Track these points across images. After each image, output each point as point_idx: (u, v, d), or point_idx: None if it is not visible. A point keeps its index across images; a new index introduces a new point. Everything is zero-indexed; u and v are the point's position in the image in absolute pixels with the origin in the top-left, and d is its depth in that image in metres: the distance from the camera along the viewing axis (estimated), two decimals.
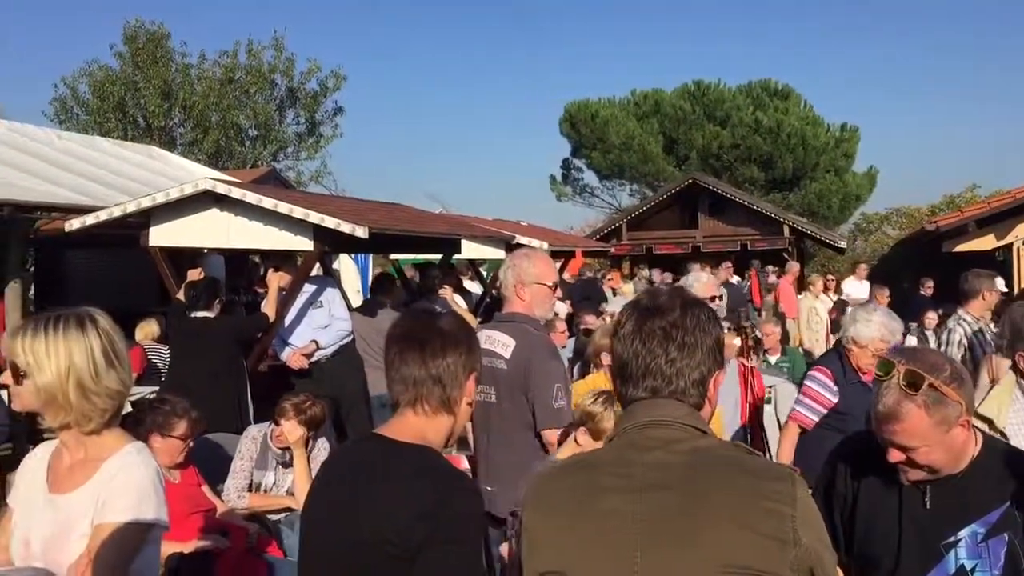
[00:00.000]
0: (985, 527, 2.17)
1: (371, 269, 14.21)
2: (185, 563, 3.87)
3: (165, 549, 3.22)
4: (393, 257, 11.14)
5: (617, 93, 36.06)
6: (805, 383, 4.65)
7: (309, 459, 4.86)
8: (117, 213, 6.86)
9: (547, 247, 10.55)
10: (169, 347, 6.95)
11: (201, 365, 6.18)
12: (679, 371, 1.76)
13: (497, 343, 3.54)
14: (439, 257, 9.61)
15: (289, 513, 4.80)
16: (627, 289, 14.16)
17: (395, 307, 7.90)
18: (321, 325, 6.93)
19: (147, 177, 11.13)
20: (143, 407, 4.31)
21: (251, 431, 5.02)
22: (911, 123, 67.87)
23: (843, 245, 26.97)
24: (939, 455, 2.16)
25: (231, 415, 6.08)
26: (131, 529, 2.18)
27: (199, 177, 7.97)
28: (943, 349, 5.68)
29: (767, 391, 5.97)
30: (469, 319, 5.85)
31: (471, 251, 10.38)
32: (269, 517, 4.75)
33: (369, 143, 70.83)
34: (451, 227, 9.39)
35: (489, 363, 3.36)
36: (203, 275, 6.97)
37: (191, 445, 4.43)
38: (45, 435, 2.44)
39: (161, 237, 6.87)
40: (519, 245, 9.65)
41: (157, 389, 6.90)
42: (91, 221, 6.94)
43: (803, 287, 15.28)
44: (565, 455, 1.64)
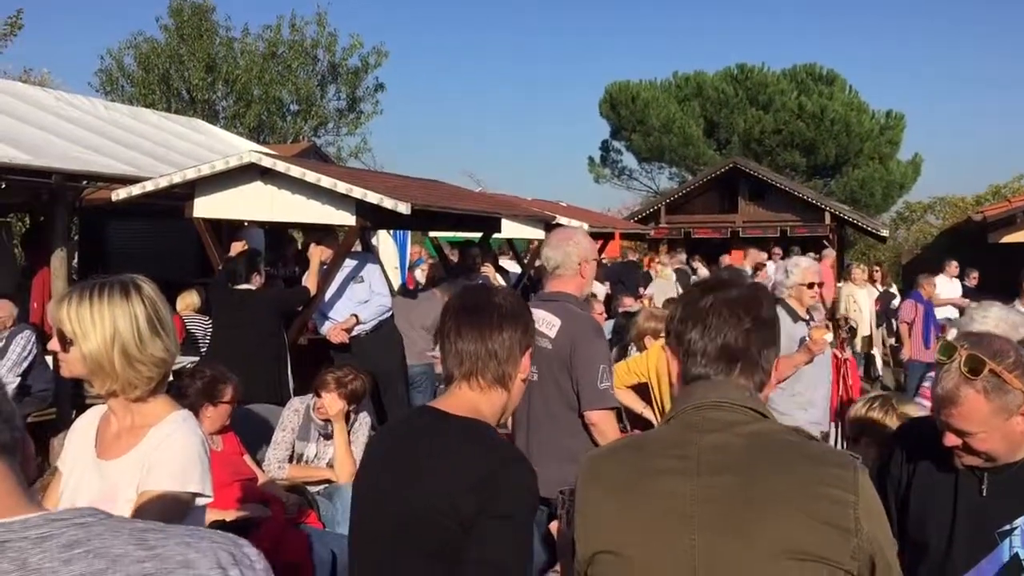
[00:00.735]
0: None
1: (409, 245, 14.24)
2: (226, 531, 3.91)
3: (208, 517, 3.25)
4: (432, 235, 11.14)
5: (659, 75, 35.81)
6: (923, 384, 4.55)
7: (349, 432, 4.88)
8: (163, 184, 6.92)
9: (587, 228, 10.48)
10: (211, 318, 7.01)
11: (243, 336, 6.22)
12: (744, 351, 1.73)
13: (542, 322, 3.51)
14: (477, 236, 9.59)
15: (328, 485, 4.83)
16: (666, 274, 14.05)
17: (432, 283, 7.90)
18: (361, 300, 6.96)
19: (191, 149, 11.20)
20: (182, 377, 4.34)
21: (294, 403, 5.05)
22: (957, 111, 66.74)
23: (885, 233, 26.63)
24: (997, 443, 2.11)
25: (272, 387, 6.13)
26: (175, 497, 2.19)
27: (242, 150, 8.00)
28: None
29: None
30: None
31: (510, 230, 10.34)
32: (309, 488, 4.78)
33: (408, 120, 71.01)
34: (492, 206, 9.35)
35: None
36: (245, 247, 7.03)
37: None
38: (88, 400, 2.45)
39: (205, 209, 6.91)
40: (558, 226, 9.60)
41: (196, 360, 6.97)
42: (137, 192, 7.00)
43: (840, 275, 15.15)
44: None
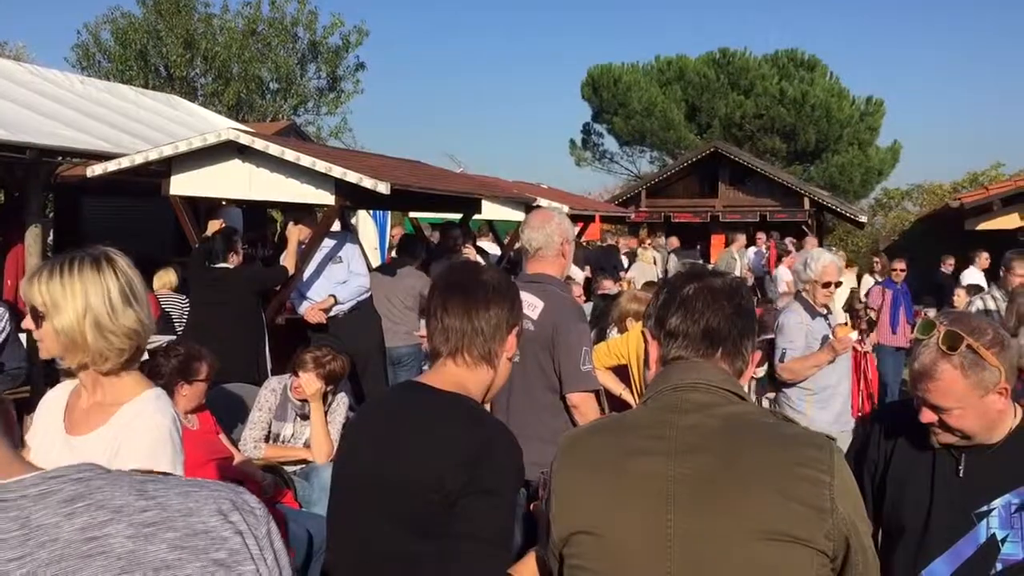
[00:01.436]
0: (1020, 498, 2.13)
1: (389, 226, 14.17)
2: None
3: None
4: (412, 215, 11.09)
5: (641, 58, 35.73)
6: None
7: (327, 413, 4.86)
8: (139, 160, 6.84)
9: (567, 210, 10.46)
10: (188, 297, 6.95)
11: (220, 315, 6.18)
12: (726, 335, 1.75)
13: (525, 304, 3.48)
14: (458, 217, 9.55)
15: (305, 465, 4.81)
16: (648, 256, 14.09)
17: (421, 267, 7.87)
18: (340, 280, 6.92)
19: (168, 126, 11.08)
20: (157, 355, 4.29)
21: (271, 382, 5.01)
22: (935, 99, 67.12)
23: (863, 220, 26.78)
24: (972, 420, 2.11)
25: (249, 366, 6.10)
26: None
27: (220, 128, 7.91)
28: None
29: None
30: None
31: (490, 212, 10.33)
32: (285, 468, 4.76)
33: (389, 100, 70.64)
34: (472, 187, 9.32)
35: None
36: (223, 226, 6.96)
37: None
38: (62, 378, 2.41)
39: (182, 186, 6.84)
40: (539, 207, 9.59)
41: (172, 339, 6.91)
42: (112, 168, 6.92)
43: None
44: None
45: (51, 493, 0.91)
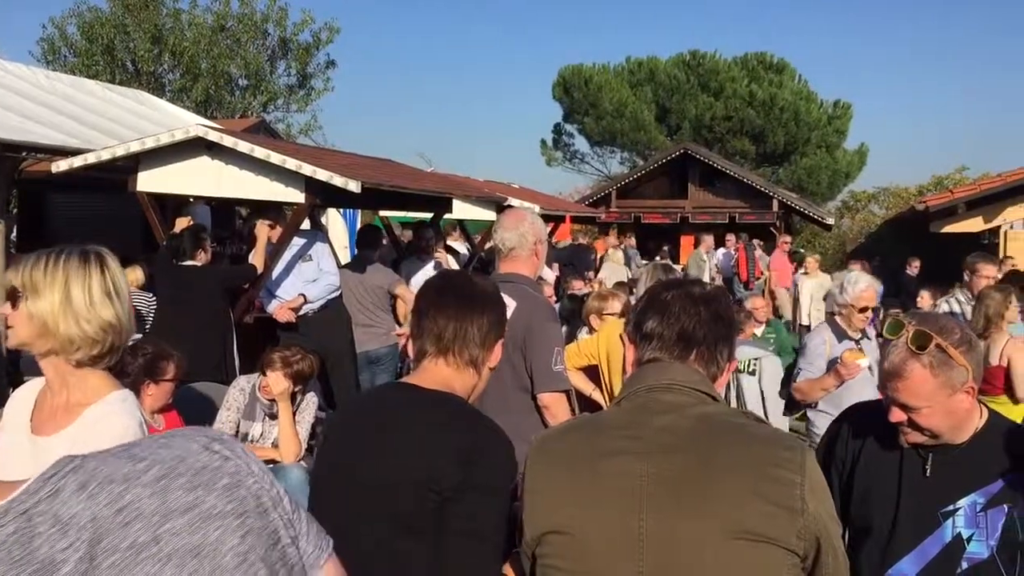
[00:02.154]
0: (985, 498, 2.15)
1: (359, 225, 14.11)
2: None
3: None
4: (382, 214, 11.05)
5: (612, 59, 35.84)
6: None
7: (296, 412, 4.82)
8: (106, 156, 6.75)
9: (538, 210, 10.47)
10: (155, 294, 6.87)
11: (188, 313, 6.11)
12: (701, 339, 1.77)
13: None
14: (429, 216, 9.52)
15: (273, 465, 4.76)
16: (618, 257, 14.13)
17: (383, 262, 7.83)
18: (309, 279, 6.87)
19: (135, 122, 10.96)
20: (124, 354, 4.23)
21: (239, 381, 4.97)
22: (902, 103, 68.01)
23: (830, 222, 27.08)
24: (940, 419, 2.14)
25: (217, 365, 6.04)
26: None
27: (188, 124, 7.83)
28: None
29: (752, 363, 5.92)
30: None
31: (461, 211, 10.31)
32: None
33: (360, 99, 70.33)
34: (443, 186, 9.30)
35: None
36: (191, 223, 6.89)
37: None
38: (25, 377, 2.39)
39: (149, 183, 6.76)
40: (510, 207, 9.59)
41: (139, 337, 6.83)
42: (79, 163, 6.83)
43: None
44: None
45: (60, 490, 0.98)
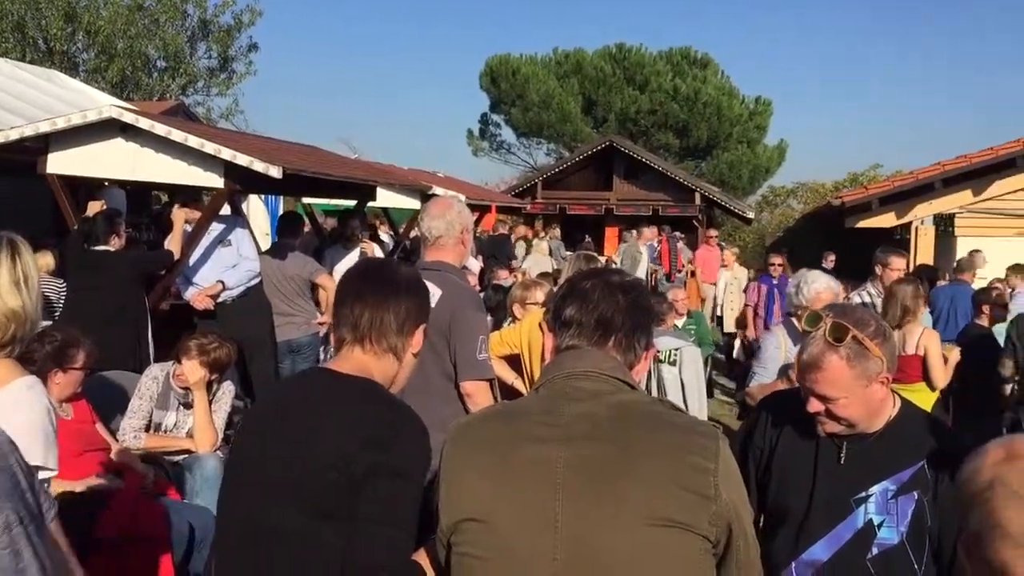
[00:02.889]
0: (896, 484, 2.22)
1: (281, 212, 13.89)
2: (72, 506, 3.69)
3: (54, 488, 3.08)
4: (306, 201, 10.89)
5: (540, 50, 35.90)
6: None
7: (212, 402, 4.72)
8: (13, 136, 6.53)
9: (464, 199, 10.44)
10: (65, 280, 6.65)
11: (99, 300, 5.93)
12: (619, 326, 1.77)
13: None
14: (352, 204, 9.41)
15: (188, 455, 4.66)
16: (543, 247, 14.18)
17: (304, 250, 7.72)
18: (228, 265, 6.73)
19: (46, 102, 10.58)
20: (32, 341, 4.08)
21: (152, 370, 4.84)
22: (820, 101, 69.72)
23: (751, 216, 27.62)
24: (857, 409, 2.21)
25: (130, 353, 5.88)
26: None
27: (102, 105, 7.59)
28: None
29: (672, 353, 6.00)
30: None
31: (386, 199, 10.23)
32: (167, 459, 4.60)
33: (283, 84, 69.18)
34: (368, 173, 9.20)
35: None
36: (104, 207, 6.68)
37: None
38: None
39: (60, 165, 6.54)
40: (435, 195, 9.54)
41: (48, 324, 6.60)
42: None
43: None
44: None
45: None
